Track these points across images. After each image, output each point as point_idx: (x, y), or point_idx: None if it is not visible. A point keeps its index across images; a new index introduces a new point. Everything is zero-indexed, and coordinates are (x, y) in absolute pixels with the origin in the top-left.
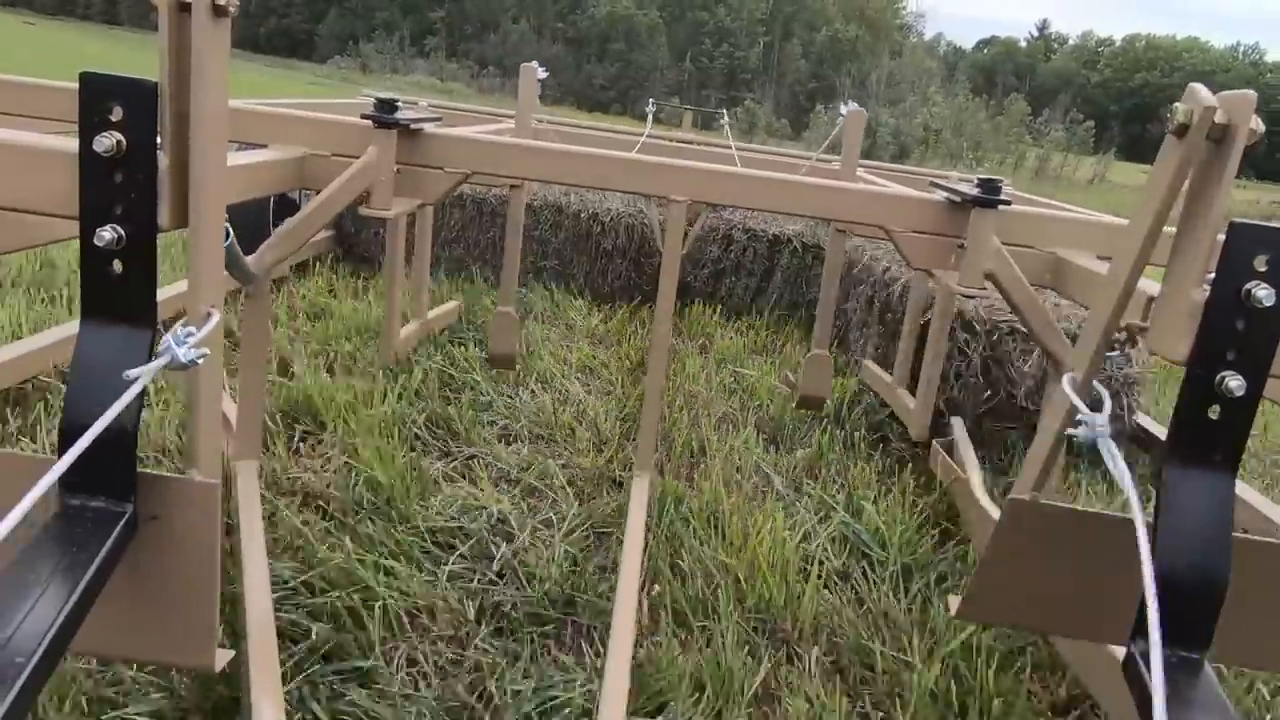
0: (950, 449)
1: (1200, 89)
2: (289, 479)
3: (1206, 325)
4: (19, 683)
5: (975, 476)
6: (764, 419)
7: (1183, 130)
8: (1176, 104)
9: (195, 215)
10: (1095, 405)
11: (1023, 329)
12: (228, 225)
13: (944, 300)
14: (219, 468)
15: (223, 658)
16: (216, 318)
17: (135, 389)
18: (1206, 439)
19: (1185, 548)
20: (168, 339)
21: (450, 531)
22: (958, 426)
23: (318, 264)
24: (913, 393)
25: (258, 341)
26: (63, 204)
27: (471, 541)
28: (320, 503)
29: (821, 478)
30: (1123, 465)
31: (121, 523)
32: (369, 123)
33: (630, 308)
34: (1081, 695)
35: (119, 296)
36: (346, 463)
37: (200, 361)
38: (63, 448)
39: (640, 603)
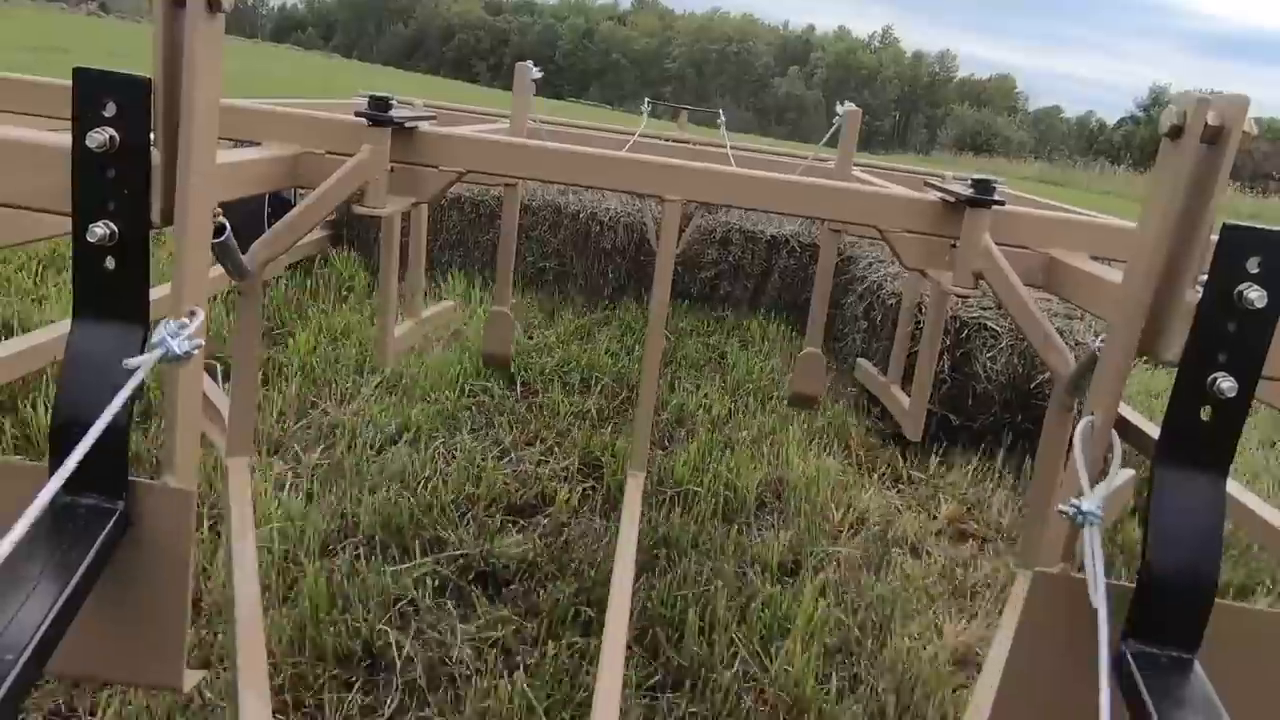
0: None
1: (1193, 93)
2: None
3: (1199, 327)
4: (9, 679)
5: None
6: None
7: (1176, 133)
8: (1170, 105)
9: (181, 213)
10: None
11: (991, 325)
12: (225, 220)
13: (938, 301)
14: (194, 474)
15: (191, 679)
16: (200, 317)
17: (133, 380)
18: (1198, 440)
19: (1176, 549)
20: (160, 331)
21: None
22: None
23: None
24: (907, 392)
25: (250, 338)
26: (55, 200)
27: None
28: None
29: None
30: (1099, 561)
31: (112, 521)
32: (363, 120)
33: (628, 305)
34: None
35: (111, 293)
36: None
37: (195, 353)
38: (54, 445)
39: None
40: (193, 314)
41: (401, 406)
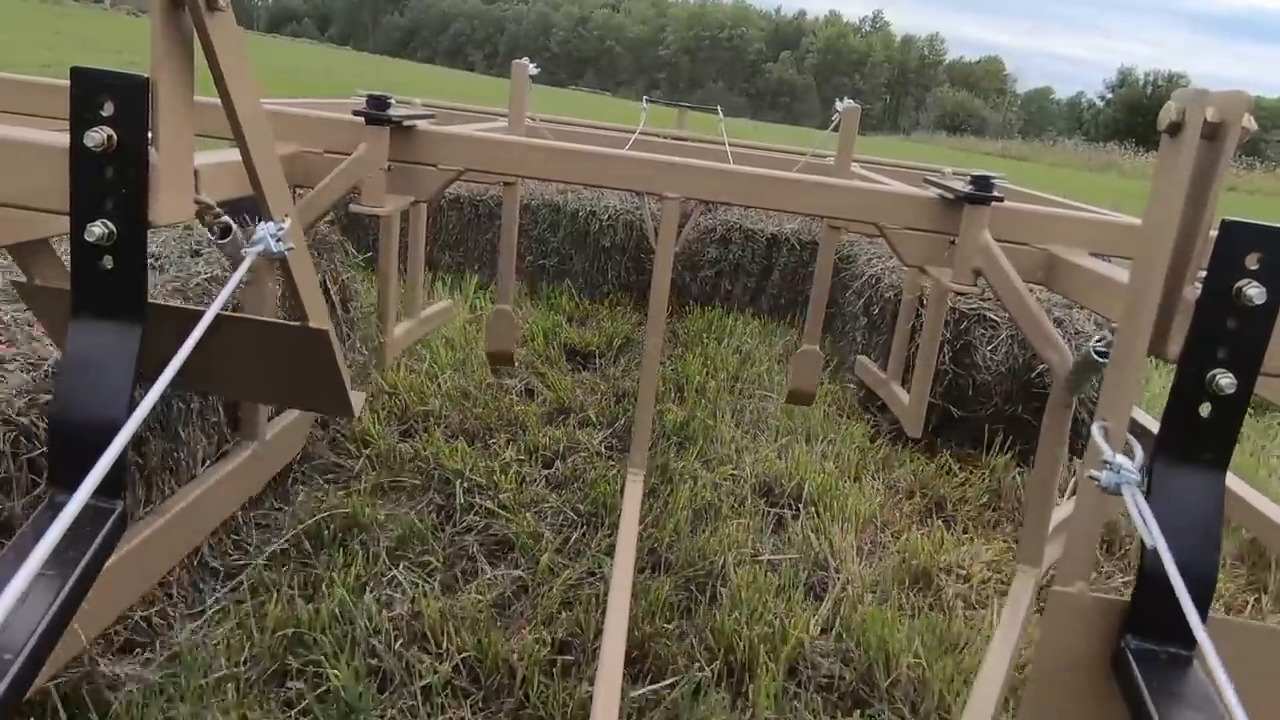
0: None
1: (1190, 88)
2: None
3: (1198, 323)
4: (8, 678)
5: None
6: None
7: (1175, 129)
8: (1170, 103)
9: (244, 140)
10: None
11: (990, 316)
12: (229, 220)
13: (938, 297)
14: (326, 314)
15: (357, 401)
16: (290, 220)
17: (241, 272)
18: (1197, 436)
19: (1175, 546)
20: (261, 231)
21: None
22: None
23: None
24: (908, 388)
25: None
26: (54, 199)
27: None
28: None
29: None
30: (1153, 522)
31: (111, 520)
32: (360, 120)
33: (629, 304)
34: None
35: (109, 292)
36: None
37: (288, 253)
38: (51, 441)
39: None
40: (286, 218)
41: None
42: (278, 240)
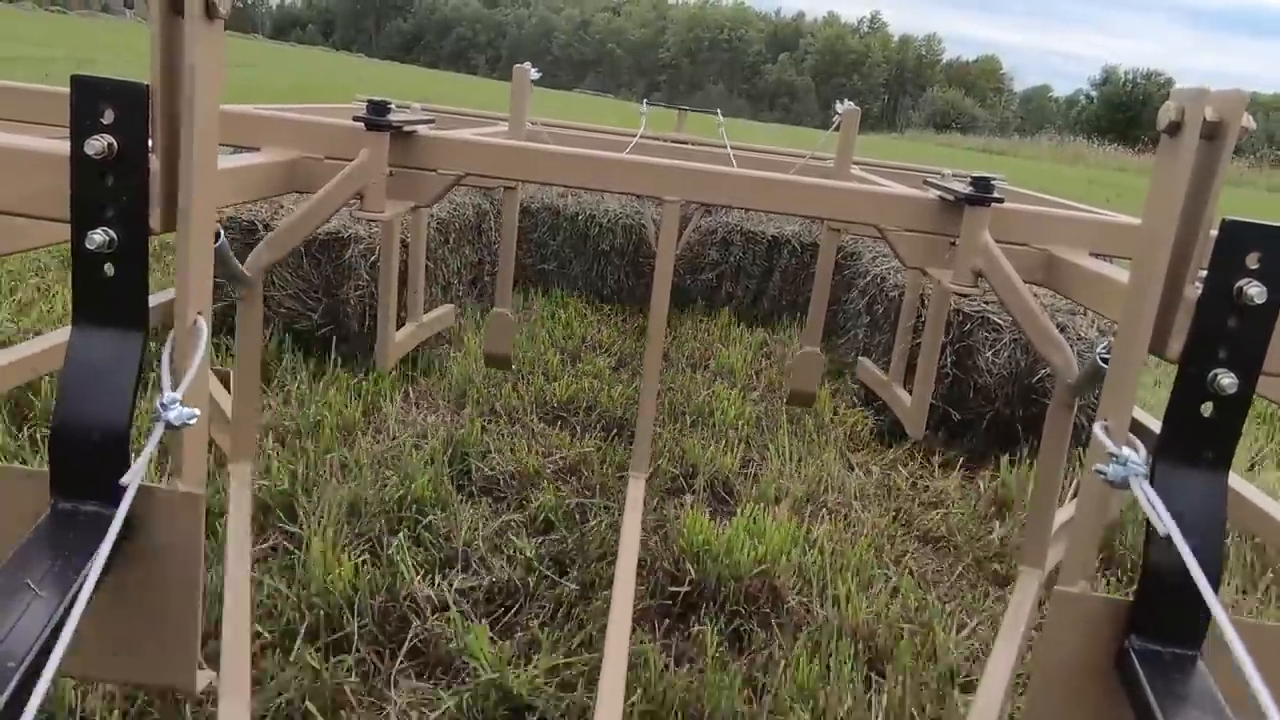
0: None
1: (1189, 87)
2: None
3: (1198, 323)
4: (10, 687)
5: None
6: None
7: (1175, 129)
8: (1169, 102)
9: (184, 219)
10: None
11: (994, 319)
12: (219, 228)
13: (939, 299)
14: (204, 478)
15: (203, 679)
16: (204, 328)
17: (129, 493)
18: (1199, 436)
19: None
20: (157, 407)
21: None
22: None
23: None
24: (909, 389)
25: (252, 341)
26: (54, 207)
27: None
28: None
29: None
30: (1164, 510)
31: (114, 526)
32: (361, 125)
33: (628, 308)
34: None
35: (110, 300)
36: None
37: (192, 422)
38: (53, 451)
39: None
40: (197, 322)
41: None
42: (176, 411)
